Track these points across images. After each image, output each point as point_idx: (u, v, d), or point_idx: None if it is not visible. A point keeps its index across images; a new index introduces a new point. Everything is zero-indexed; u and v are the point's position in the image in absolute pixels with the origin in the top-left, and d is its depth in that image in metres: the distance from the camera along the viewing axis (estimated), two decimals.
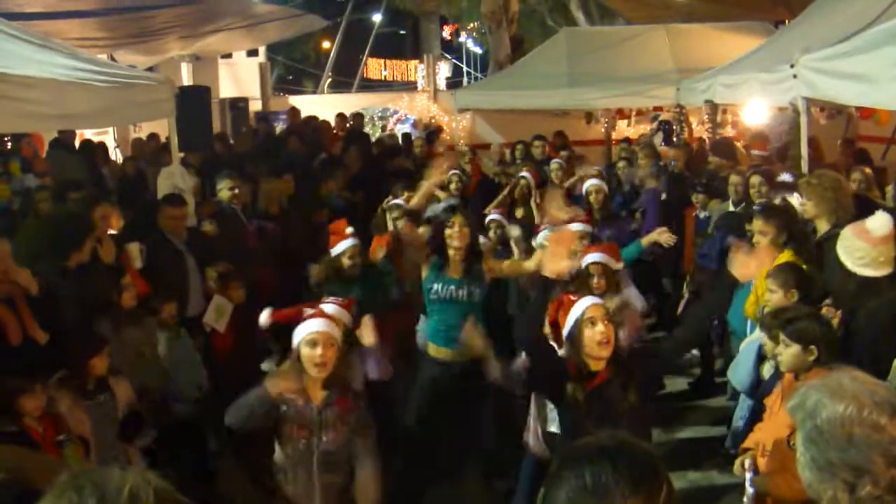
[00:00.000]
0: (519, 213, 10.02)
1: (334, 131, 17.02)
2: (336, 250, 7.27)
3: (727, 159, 10.96)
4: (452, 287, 6.56)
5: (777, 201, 7.58)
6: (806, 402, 2.44)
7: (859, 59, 6.68)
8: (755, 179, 8.37)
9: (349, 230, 7.33)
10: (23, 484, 2.96)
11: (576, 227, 7.36)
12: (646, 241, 7.35)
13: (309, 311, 4.99)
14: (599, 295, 6.42)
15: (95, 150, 13.79)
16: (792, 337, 4.66)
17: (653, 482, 2.07)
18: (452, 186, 10.44)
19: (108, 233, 7.62)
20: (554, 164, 11.56)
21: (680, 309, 9.10)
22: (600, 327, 4.67)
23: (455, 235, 6.57)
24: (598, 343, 4.66)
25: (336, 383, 4.88)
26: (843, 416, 2.35)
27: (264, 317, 5.57)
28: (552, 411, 5.65)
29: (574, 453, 2.14)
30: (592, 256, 6.68)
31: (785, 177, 8.43)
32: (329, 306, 5.81)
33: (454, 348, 6.40)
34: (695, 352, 9.61)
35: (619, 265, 6.87)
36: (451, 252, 6.61)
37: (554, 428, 5.70)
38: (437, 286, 6.61)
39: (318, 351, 4.76)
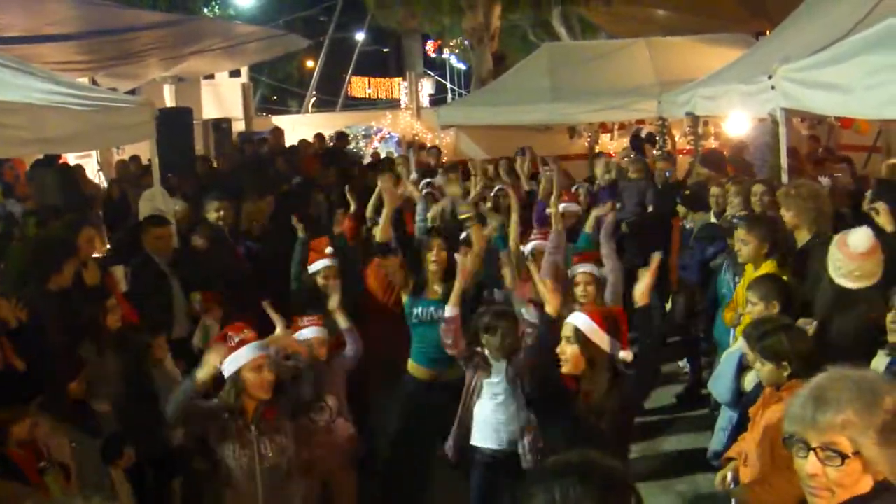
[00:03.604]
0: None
1: (314, 151, 17.02)
2: (312, 269, 7.28)
3: (716, 171, 11.00)
4: (431, 309, 6.62)
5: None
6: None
7: (835, 69, 6.71)
8: (757, 188, 8.24)
9: (328, 249, 7.31)
10: None
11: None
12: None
13: (234, 335, 4.92)
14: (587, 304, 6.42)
15: (76, 172, 13.73)
16: (764, 355, 4.68)
17: (620, 497, 2.17)
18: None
19: (93, 256, 7.59)
20: (547, 174, 11.55)
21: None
22: (562, 344, 4.71)
23: (433, 259, 6.68)
24: (561, 360, 4.70)
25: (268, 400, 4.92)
26: None
27: None
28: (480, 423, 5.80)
29: (544, 470, 2.26)
30: (581, 267, 6.67)
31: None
32: (307, 330, 5.91)
33: (436, 368, 6.44)
34: (681, 363, 9.63)
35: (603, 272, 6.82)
36: (429, 274, 6.67)
37: (477, 441, 5.82)
38: (416, 310, 6.70)
39: (266, 375, 4.81)
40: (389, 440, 6.75)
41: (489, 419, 5.80)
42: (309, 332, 5.91)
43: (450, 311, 5.94)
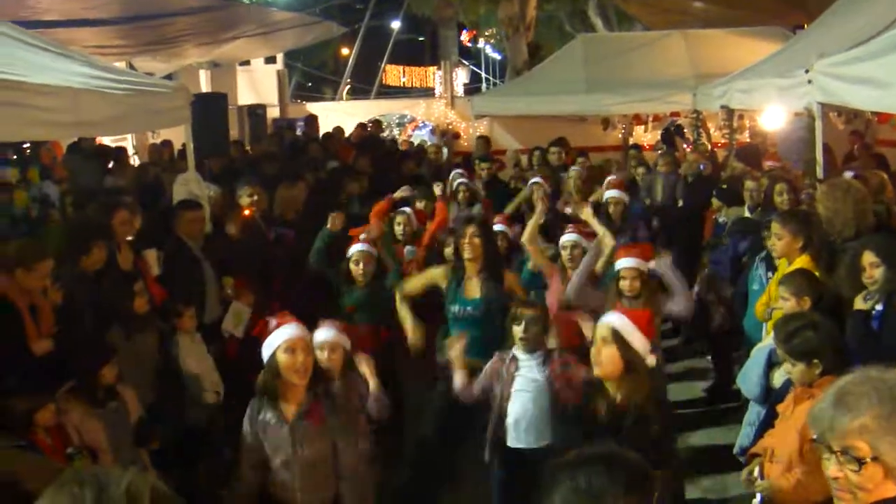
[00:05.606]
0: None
1: (350, 139, 17.06)
2: (349, 253, 7.34)
3: (751, 165, 10.94)
4: (469, 308, 6.48)
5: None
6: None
7: (873, 64, 6.63)
8: (780, 186, 8.25)
9: (362, 236, 7.36)
10: (16, 485, 3.01)
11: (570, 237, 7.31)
12: None
13: (273, 321, 4.93)
14: (634, 297, 6.27)
15: (110, 156, 13.88)
16: (794, 355, 4.58)
17: (644, 487, 2.23)
18: (460, 196, 10.15)
19: (127, 239, 7.64)
20: (573, 171, 11.49)
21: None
22: (596, 346, 4.61)
23: (465, 246, 6.52)
24: (594, 364, 4.60)
25: (312, 389, 4.86)
26: None
27: None
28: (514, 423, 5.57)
29: (569, 460, 2.28)
30: (624, 262, 6.43)
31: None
32: (326, 331, 5.48)
33: (478, 358, 6.12)
34: (708, 358, 9.56)
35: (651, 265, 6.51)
36: (467, 266, 6.56)
37: (511, 443, 5.59)
38: (454, 307, 6.54)
39: (299, 357, 4.74)
40: (421, 434, 6.73)
41: (523, 417, 5.52)
42: (324, 332, 5.43)
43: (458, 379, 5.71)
